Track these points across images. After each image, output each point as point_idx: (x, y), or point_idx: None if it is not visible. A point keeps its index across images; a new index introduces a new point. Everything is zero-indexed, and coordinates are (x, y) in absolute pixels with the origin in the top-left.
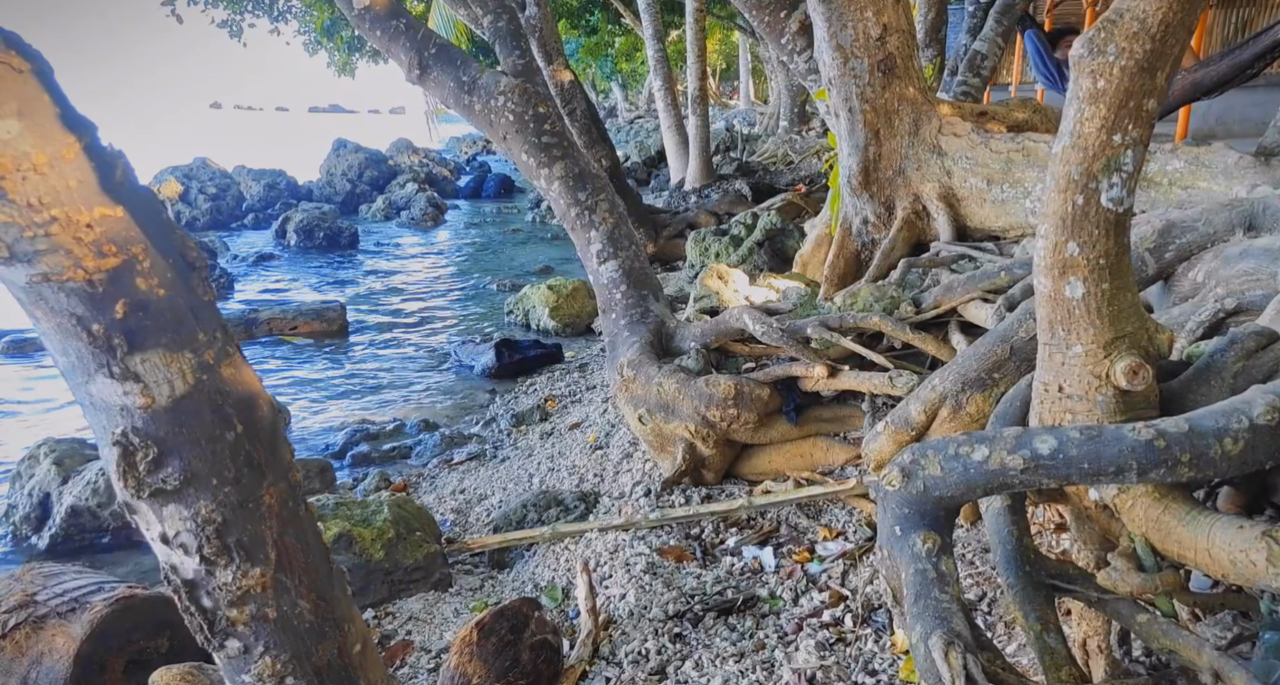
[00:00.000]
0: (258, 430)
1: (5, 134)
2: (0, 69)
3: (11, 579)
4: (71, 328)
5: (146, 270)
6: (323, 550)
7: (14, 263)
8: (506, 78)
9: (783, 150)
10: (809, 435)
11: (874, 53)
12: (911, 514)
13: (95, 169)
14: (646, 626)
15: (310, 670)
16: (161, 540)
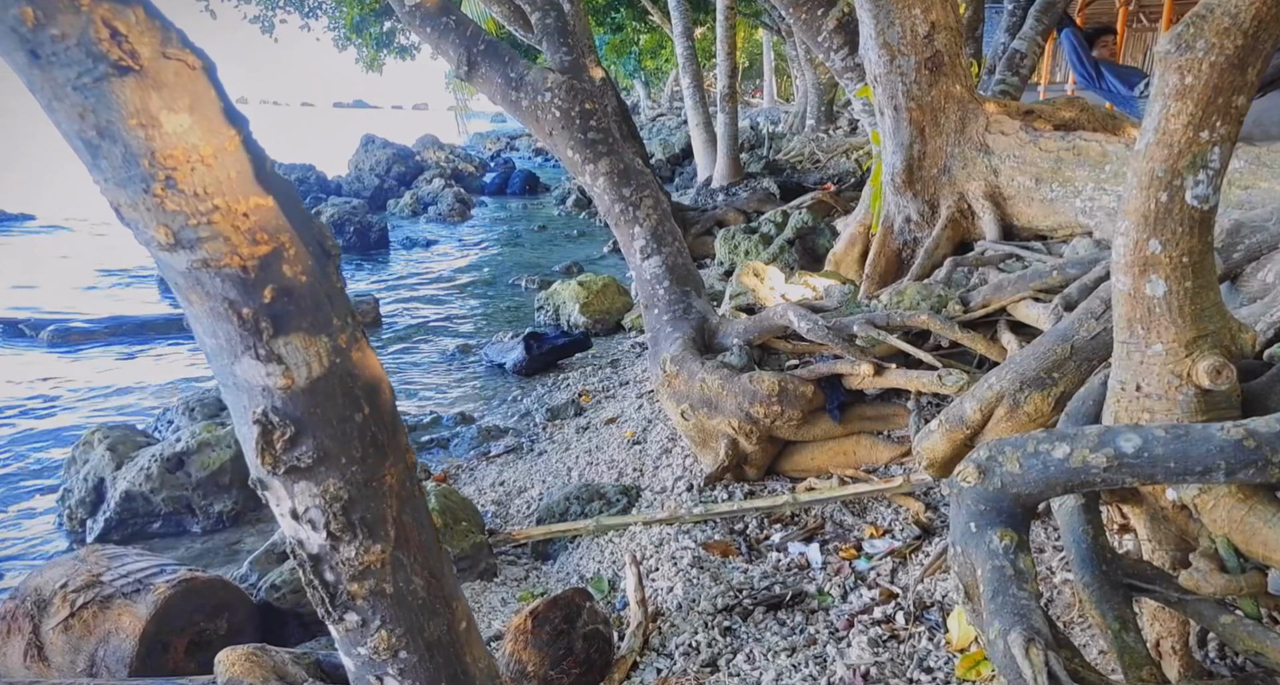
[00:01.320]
0: (381, 413)
1: (178, 128)
2: (177, 66)
3: (76, 560)
4: (224, 311)
5: (292, 258)
6: (433, 530)
7: (178, 249)
8: (553, 74)
9: (809, 148)
10: (852, 433)
11: (921, 50)
12: (988, 511)
13: (251, 161)
14: (696, 619)
15: (422, 645)
16: (291, 515)
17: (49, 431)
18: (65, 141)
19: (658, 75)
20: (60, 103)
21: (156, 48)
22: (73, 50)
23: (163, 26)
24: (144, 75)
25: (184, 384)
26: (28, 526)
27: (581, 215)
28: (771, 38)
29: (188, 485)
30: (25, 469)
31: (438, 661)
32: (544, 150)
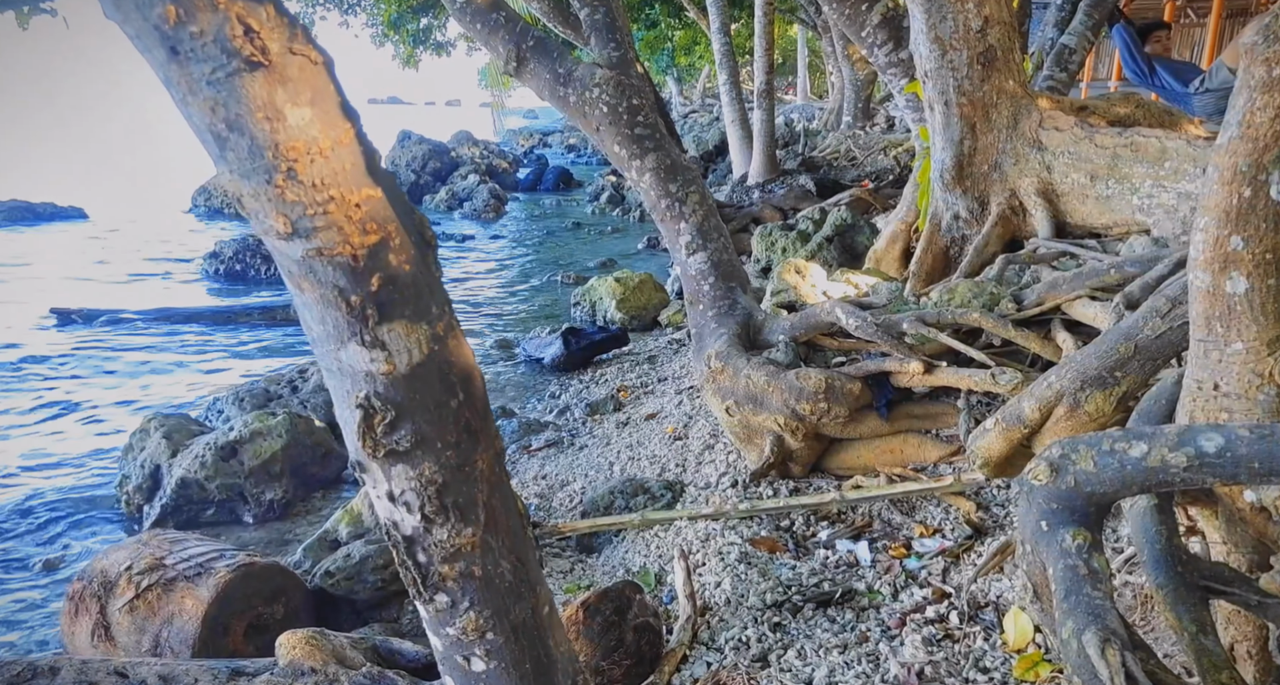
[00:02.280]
0: (474, 399)
1: (300, 121)
2: (301, 61)
3: (139, 543)
4: (333, 299)
5: (397, 247)
6: (519, 516)
7: (294, 238)
8: (601, 70)
9: (845, 146)
10: (900, 431)
11: (974, 45)
12: (1060, 509)
13: (363, 154)
14: (745, 614)
15: (508, 627)
16: (387, 498)
17: (102, 419)
18: (195, 135)
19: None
20: (194, 97)
21: (284, 43)
22: (209, 46)
23: (290, 23)
24: (272, 70)
25: (231, 374)
26: (86, 511)
27: (615, 212)
28: (806, 34)
29: (240, 473)
30: (81, 455)
31: (522, 644)
32: (577, 146)
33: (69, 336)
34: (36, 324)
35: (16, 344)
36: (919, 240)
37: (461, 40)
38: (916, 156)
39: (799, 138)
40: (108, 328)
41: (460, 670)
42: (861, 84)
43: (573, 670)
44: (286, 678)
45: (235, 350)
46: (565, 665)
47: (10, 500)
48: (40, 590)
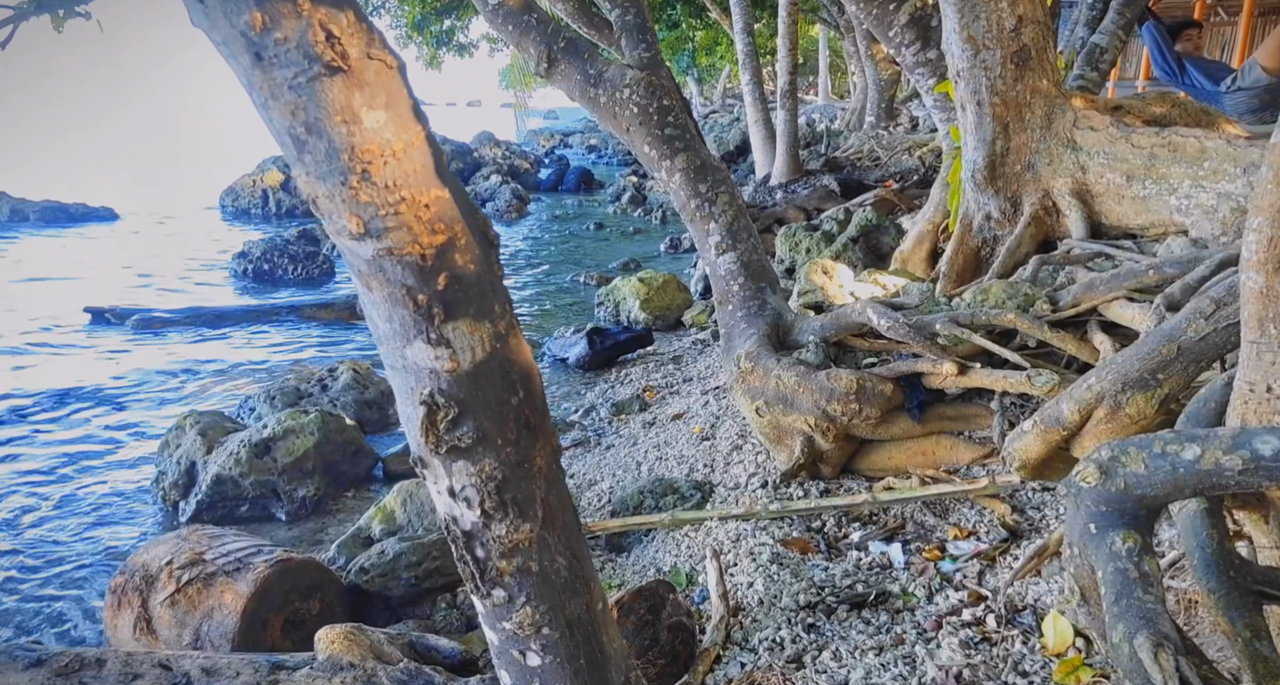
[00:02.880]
0: (534, 397)
1: (375, 124)
2: (377, 66)
3: (179, 538)
4: (401, 297)
5: (463, 247)
6: (575, 512)
7: (366, 238)
8: (632, 71)
9: (869, 146)
10: (932, 433)
11: (1007, 44)
12: (1109, 512)
13: (432, 155)
14: (779, 615)
15: (563, 622)
16: (448, 493)
17: (137, 416)
18: (274, 137)
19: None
20: (275, 101)
21: (363, 48)
22: (292, 52)
23: (368, 28)
24: (350, 75)
25: (260, 372)
26: (123, 506)
27: (637, 213)
28: (828, 34)
29: (274, 470)
30: (116, 451)
31: (577, 639)
32: (597, 147)
33: (103, 335)
34: (71, 322)
35: (52, 342)
36: (948, 241)
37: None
38: (944, 156)
39: (821, 138)
40: (140, 326)
41: (516, 664)
42: (885, 84)
43: (625, 667)
44: (326, 672)
45: (265, 349)
46: (618, 661)
47: (49, 496)
48: (81, 583)
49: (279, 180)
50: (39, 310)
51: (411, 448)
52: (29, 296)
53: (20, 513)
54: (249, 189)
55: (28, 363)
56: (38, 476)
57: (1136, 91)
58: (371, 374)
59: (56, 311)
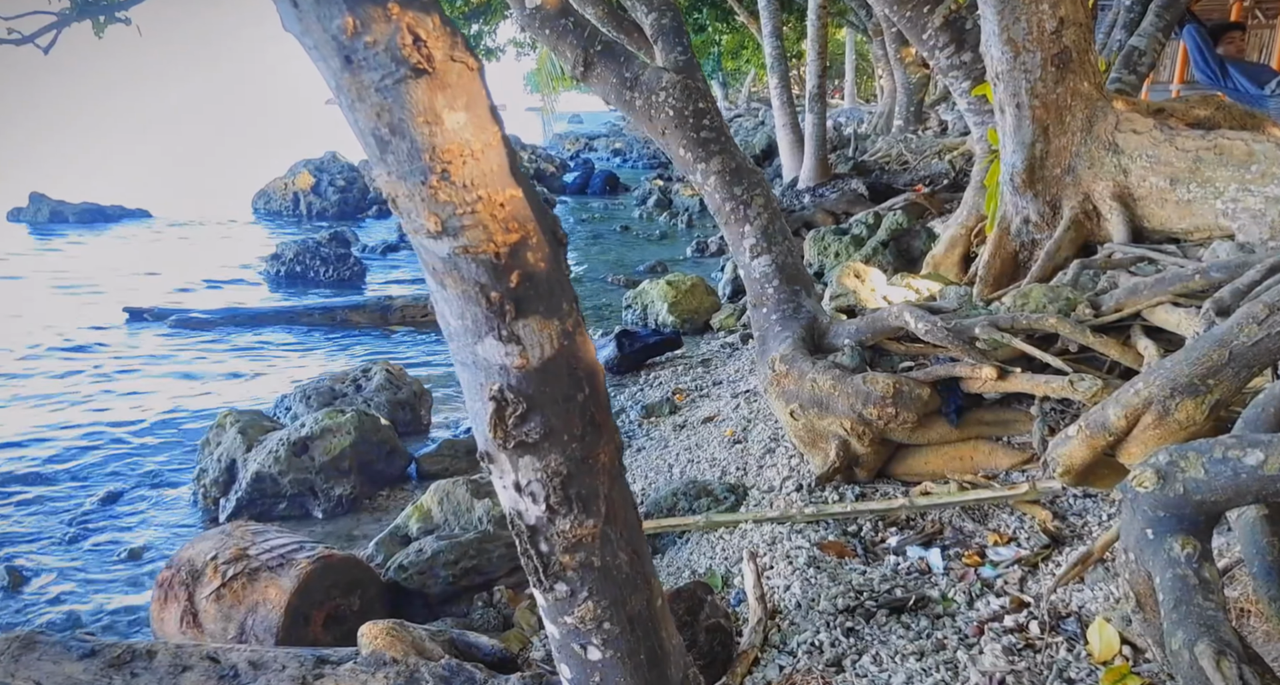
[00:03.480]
0: (598, 394)
1: (456, 124)
2: (460, 68)
3: (223, 534)
4: (474, 294)
5: (535, 246)
6: (635, 509)
7: (443, 237)
8: (668, 74)
9: (897, 150)
10: (969, 438)
11: (1048, 46)
12: (1167, 517)
13: (507, 155)
14: (817, 618)
15: (624, 618)
16: (514, 488)
17: (174, 412)
18: (355, 135)
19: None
20: (362, 103)
21: (447, 51)
22: (380, 55)
23: (452, 32)
24: (434, 77)
25: (294, 372)
26: (165, 502)
27: (663, 216)
28: (854, 37)
29: (311, 469)
30: (156, 448)
31: (637, 634)
32: (622, 151)
33: (141, 334)
34: (110, 322)
35: (92, 341)
36: (981, 245)
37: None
38: (975, 160)
39: (848, 142)
40: (178, 326)
41: (576, 658)
42: (914, 87)
43: (684, 664)
44: (369, 667)
45: (298, 349)
46: (677, 658)
47: (94, 490)
48: (126, 577)
49: (309, 183)
50: (79, 309)
51: (478, 443)
52: (70, 296)
53: (65, 507)
54: (280, 191)
55: (69, 361)
56: (80, 472)
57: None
58: (404, 375)
59: (96, 311)
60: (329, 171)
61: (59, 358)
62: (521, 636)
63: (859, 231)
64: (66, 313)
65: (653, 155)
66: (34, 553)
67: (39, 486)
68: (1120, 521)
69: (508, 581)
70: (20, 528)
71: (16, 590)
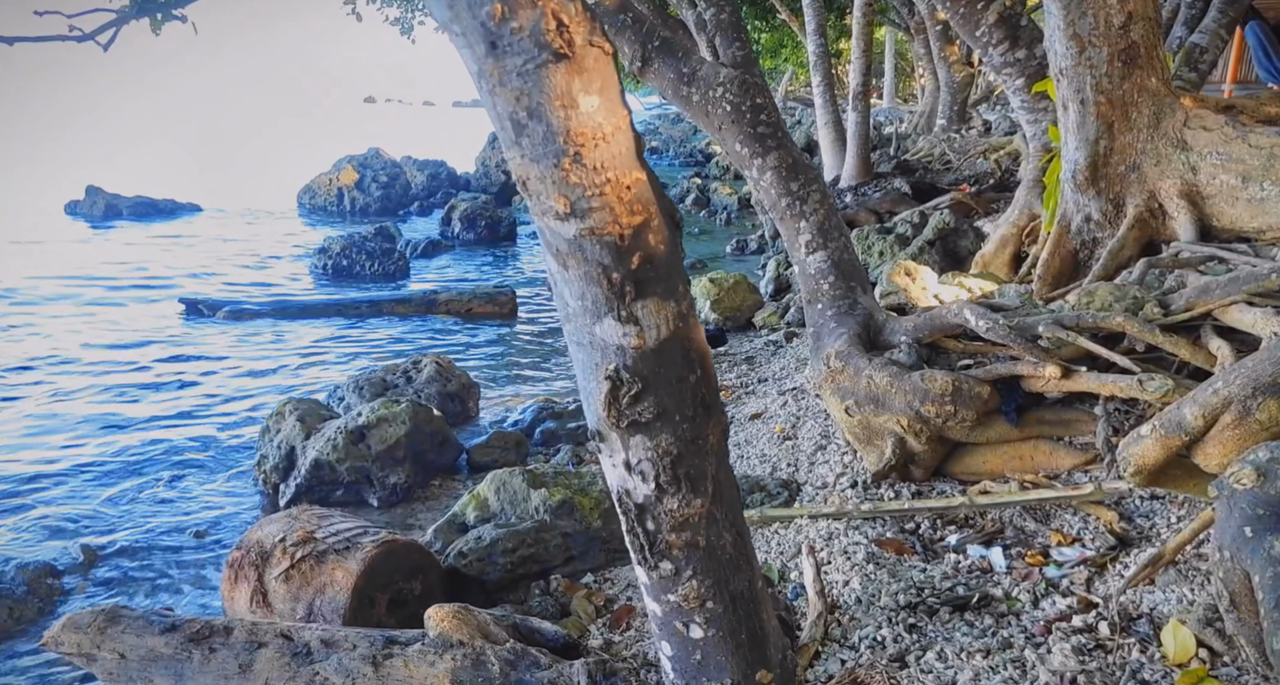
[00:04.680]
0: (709, 376)
1: (589, 108)
2: (596, 53)
3: (289, 517)
4: (596, 275)
5: (656, 228)
6: (738, 491)
7: (570, 218)
8: (726, 69)
9: (940, 149)
10: (1030, 437)
11: (1115, 42)
12: (1268, 515)
13: (634, 139)
14: (878, 614)
15: (727, 597)
16: (624, 466)
17: (231, 401)
18: (492, 120)
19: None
20: (503, 88)
21: (585, 36)
22: (524, 41)
23: (590, 17)
24: (573, 61)
25: (344, 363)
26: (227, 487)
27: (701, 214)
28: (894, 36)
29: (368, 457)
30: (215, 434)
31: (739, 614)
32: (659, 149)
33: (196, 325)
34: (166, 313)
35: (149, 331)
36: (1033, 244)
37: None
38: (1024, 159)
39: (889, 141)
40: (231, 317)
41: (678, 636)
42: (958, 86)
43: (782, 645)
44: (437, 648)
45: (348, 341)
46: (775, 638)
47: (158, 476)
48: (193, 557)
49: (353, 179)
50: (136, 301)
51: (589, 422)
52: (126, 287)
53: (131, 492)
54: (325, 187)
55: (129, 351)
56: (144, 457)
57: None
58: (453, 367)
59: (152, 302)
60: (372, 168)
61: (119, 348)
62: (579, 625)
63: (903, 231)
64: (125, 304)
65: (689, 154)
66: (105, 533)
67: (107, 472)
68: (1213, 520)
69: (564, 571)
70: (91, 510)
71: (91, 568)
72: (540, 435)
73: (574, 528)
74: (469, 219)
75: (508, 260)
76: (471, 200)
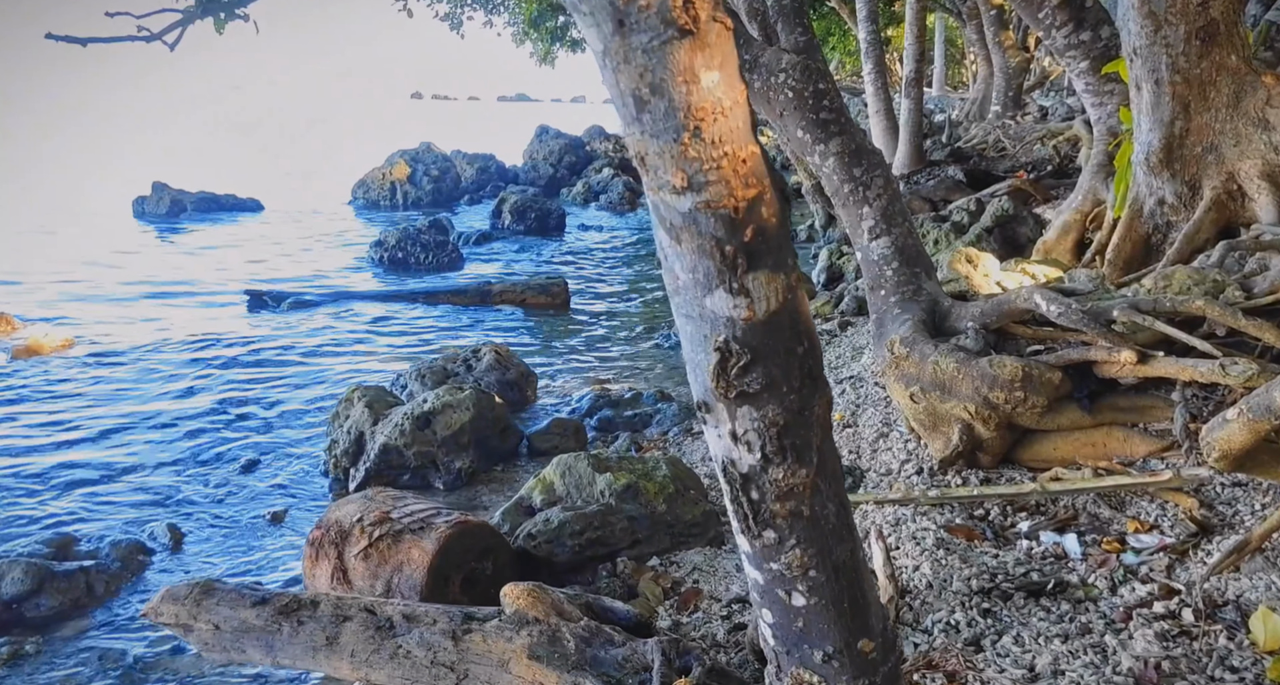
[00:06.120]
0: (815, 348)
1: (710, 83)
2: (719, 28)
3: (365, 498)
4: (709, 248)
5: (768, 201)
6: (840, 462)
7: (687, 192)
8: (788, 55)
9: (994, 136)
10: (1103, 424)
11: (1193, 19)
12: None
13: (750, 113)
14: (950, 598)
15: (830, 566)
16: (730, 436)
17: (296, 388)
18: (613, 97)
19: None
20: (627, 65)
21: (710, 12)
22: (651, 18)
23: None
24: (697, 37)
25: (404, 351)
26: (299, 471)
27: None
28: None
29: (434, 442)
30: (284, 421)
31: (842, 583)
32: None
33: (261, 316)
34: (232, 303)
35: (218, 322)
36: (1097, 231)
37: None
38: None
39: (940, 129)
40: (294, 308)
41: (780, 604)
42: (1013, 72)
43: (883, 615)
44: (513, 625)
45: (406, 330)
46: (876, 609)
47: (234, 461)
48: (271, 537)
49: (406, 173)
50: (204, 293)
51: (695, 393)
52: (193, 279)
53: (210, 476)
54: (378, 181)
55: (199, 342)
56: (220, 444)
57: None
58: (511, 356)
59: (219, 294)
60: (423, 162)
61: (190, 338)
62: (647, 606)
63: (959, 218)
64: (193, 295)
65: None
66: (189, 516)
67: (183, 457)
68: None
69: (629, 554)
70: (174, 495)
71: (178, 549)
72: (597, 422)
73: (639, 512)
74: (519, 211)
75: (557, 250)
76: (521, 193)
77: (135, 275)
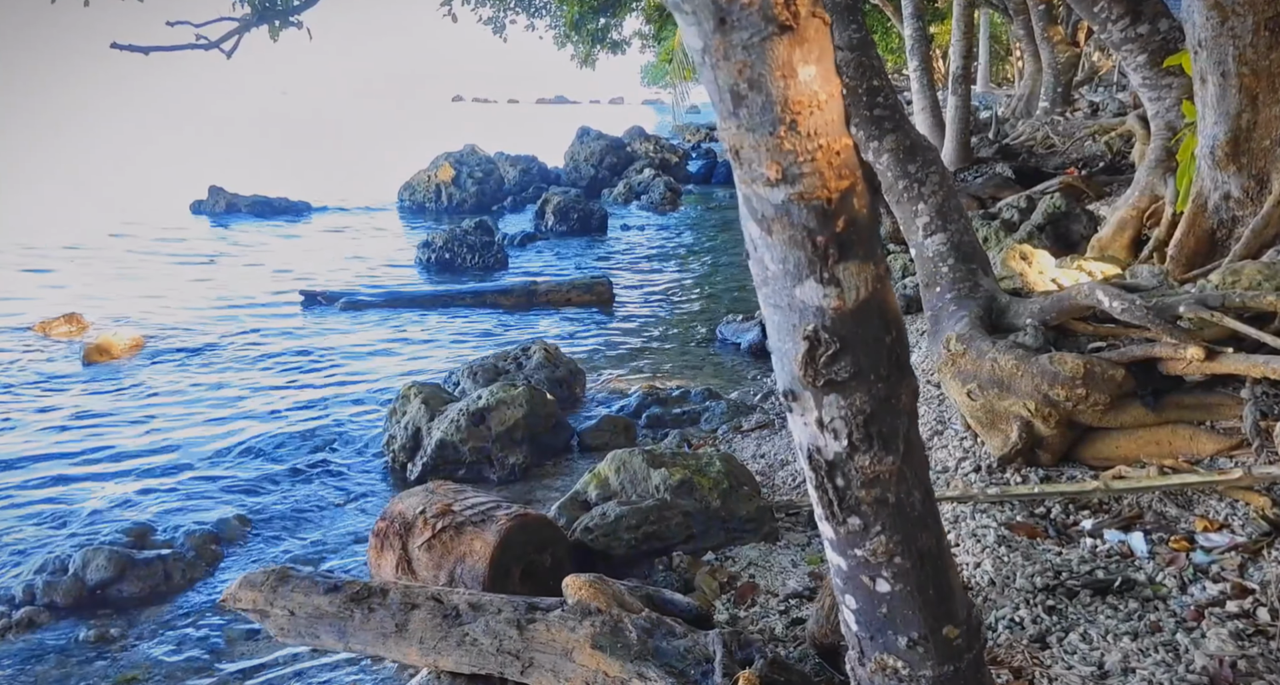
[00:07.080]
0: (902, 337)
1: (807, 77)
2: (817, 23)
3: (427, 491)
4: (801, 239)
5: (860, 192)
6: (925, 452)
7: (781, 184)
8: (841, 52)
9: (1043, 132)
10: (1167, 422)
11: (1261, 9)
12: None
13: (843, 106)
14: (1014, 595)
15: (915, 553)
16: (816, 424)
17: (353, 385)
18: (710, 93)
19: None
20: (726, 61)
21: (809, 7)
22: (753, 15)
23: None
24: (795, 33)
25: (455, 350)
26: (359, 465)
27: None
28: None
29: (488, 438)
30: (343, 417)
31: (927, 570)
32: None
33: (316, 315)
34: (288, 303)
35: (274, 322)
36: (1159, 226)
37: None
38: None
39: (987, 125)
40: (347, 307)
41: (864, 590)
42: (1061, 68)
43: (967, 602)
44: (576, 615)
45: (456, 330)
46: (960, 596)
47: (297, 455)
48: (334, 529)
49: (450, 175)
50: (261, 293)
51: (781, 382)
52: (250, 280)
53: (274, 470)
54: (424, 184)
55: (258, 340)
56: (282, 439)
57: None
58: (560, 354)
59: (274, 294)
60: (468, 164)
61: (249, 338)
62: (704, 600)
63: (1009, 215)
64: (249, 295)
65: None
66: (254, 508)
67: (247, 452)
68: None
69: (685, 548)
70: (241, 487)
71: (246, 539)
72: (647, 419)
73: (694, 507)
74: (562, 212)
75: (600, 251)
76: (563, 194)
77: (195, 276)
